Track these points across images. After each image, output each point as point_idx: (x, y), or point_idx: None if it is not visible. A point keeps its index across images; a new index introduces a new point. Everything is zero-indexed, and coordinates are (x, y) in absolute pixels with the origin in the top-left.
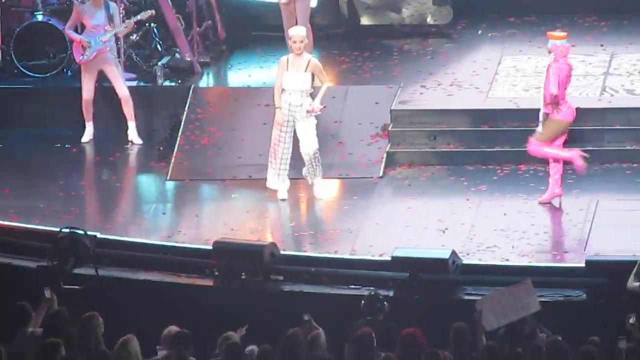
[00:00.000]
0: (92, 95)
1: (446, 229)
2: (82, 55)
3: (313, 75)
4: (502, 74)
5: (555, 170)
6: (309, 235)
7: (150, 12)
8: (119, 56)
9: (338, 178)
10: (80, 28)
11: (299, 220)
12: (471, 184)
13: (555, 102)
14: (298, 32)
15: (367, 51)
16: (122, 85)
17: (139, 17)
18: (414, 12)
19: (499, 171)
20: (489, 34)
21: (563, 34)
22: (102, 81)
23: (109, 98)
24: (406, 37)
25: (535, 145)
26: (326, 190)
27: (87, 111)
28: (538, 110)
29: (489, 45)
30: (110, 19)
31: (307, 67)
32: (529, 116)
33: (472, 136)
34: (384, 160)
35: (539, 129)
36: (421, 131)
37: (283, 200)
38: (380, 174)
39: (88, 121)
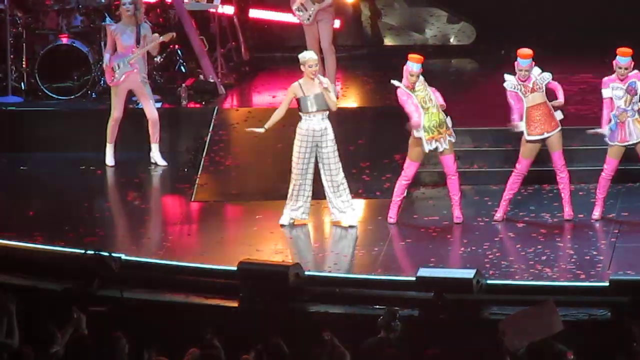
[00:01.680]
0: (122, 115)
1: (471, 248)
2: (113, 77)
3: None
4: None
5: None
6: (333, 255)
7: (172, 35)
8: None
9: (362, 198)
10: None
11: (323, 242)
12: (495, 204)
13: None
14: (312, 56)
15: (391, 71)
16: (151, 107)
17: (161, 38)
18: (437, 32)
19: (523, 191)
20: (512, 54)
21: None
22: (127, 102)
23: (134, 120)
24: (430, 58)
25: None
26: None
27: (113, 132)
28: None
29: (513, 65)
30: (139, 40)
31: (319, 86)
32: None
33: (495, 156)
34: None
35: None
36: None
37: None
38: (405, 194)
39: (110, 142)
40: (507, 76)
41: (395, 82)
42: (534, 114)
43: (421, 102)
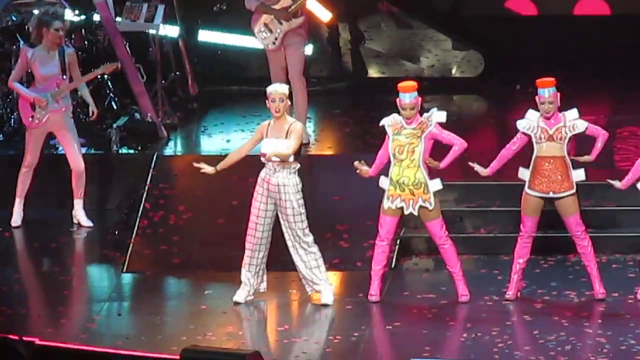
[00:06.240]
0: (37, 161)
1: (476, 334)
2: (32, 116)
3: (301, 146)
4: None
5: None
6: (302, 342)
7: (115, 65)
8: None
9: (338, 270)
10: (26, 78)
11: (291, 324)
12: (507, 279)
13: None
14: (277, 89)
15: (376, 110)
16: (77, 155)
17: (100, 70)
18: (435, 62)
19: (543, 262)
20: (531, 90)
21: None
22: (44, 146)
23: (52, 168)
24: (425, 94)
25: None
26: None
27: (24, 183)
28: (594, 185)
29: (530, 104)
30: (64, 68)
31: (287, 132)
32: (583, 193)
33: (508, 218)
34: (397, 247)
35: None
36: (444, 211)
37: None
38: (393, 265)
39: (19, 197)
40: (530, 112)
41: (384, 121)
42: (543, 166)
43: (394, 151)
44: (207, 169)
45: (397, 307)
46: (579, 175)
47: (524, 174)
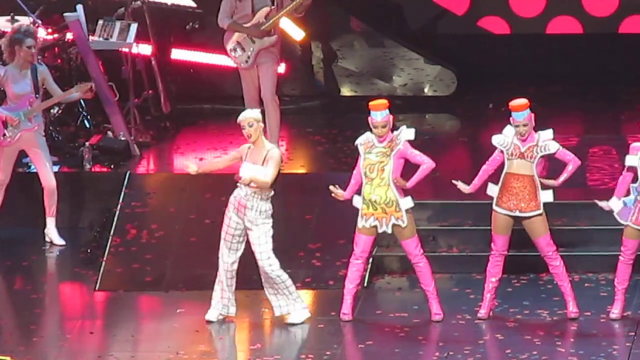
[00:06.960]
0: (8, 179)
1: (448, 353)
2: (4, 135)
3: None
4: None
5: None
6: None
7: (90, 84)
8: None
9: (311, 289)
10: None
11: (263, 342)
12: (480, 297)
13: None
14: (244, 115)
15: (349, 129)
16: (48, 173)
17: (73, 89)
18: (407, 80)
19: (515, 281)
20: (503, 109)
21: None
22: (16, 164)
23: (24, 186)
24: (398, 112)
25: None
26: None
27: None
28: (567, 204)
29: (503, 123)
30: (37, 87)
31: (264, 159)
32: (556, 211)
33: (481, 237)
34: (369, 266)
35: None
36: (416, 230)
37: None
38: (365, 284)
39: None
40: (507, 128)
41: (358, 140)
42: (512, 184)
43: (365, 169)
44: (191, 167)
45: (370, 325)
46: (547, 196)
47: (492, 190)
